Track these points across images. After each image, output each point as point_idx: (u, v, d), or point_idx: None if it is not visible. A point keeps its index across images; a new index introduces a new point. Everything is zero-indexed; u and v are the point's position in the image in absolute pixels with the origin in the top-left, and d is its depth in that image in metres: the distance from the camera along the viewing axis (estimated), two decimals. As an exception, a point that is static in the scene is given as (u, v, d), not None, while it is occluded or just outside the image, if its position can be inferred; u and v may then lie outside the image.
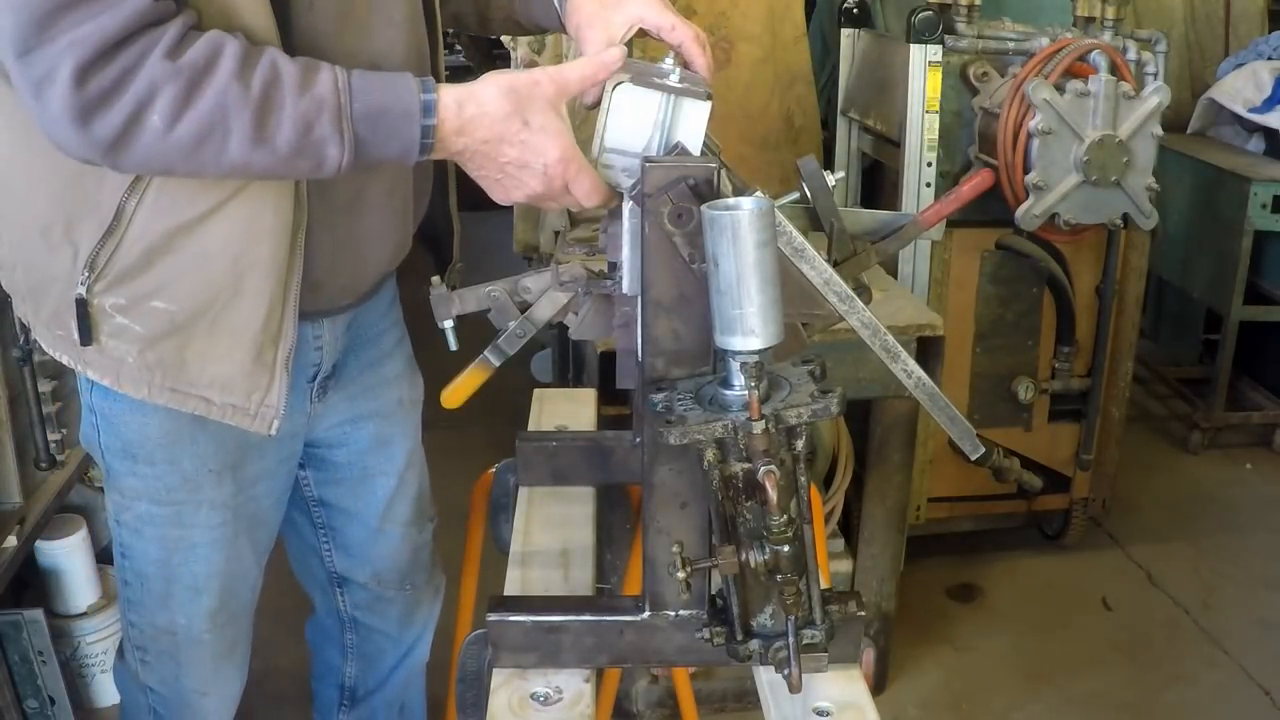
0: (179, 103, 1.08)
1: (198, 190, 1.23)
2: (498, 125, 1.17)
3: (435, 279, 1.33)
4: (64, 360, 1.36)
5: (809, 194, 1.25)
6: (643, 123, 1.17)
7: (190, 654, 1.55)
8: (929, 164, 2.72)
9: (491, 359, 1.28)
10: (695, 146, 1.17)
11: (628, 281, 1.16)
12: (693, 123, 1.17)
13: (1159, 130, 2.58)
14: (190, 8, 1.13)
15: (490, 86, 1.18)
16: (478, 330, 1.36)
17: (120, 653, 1.65)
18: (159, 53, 1.07)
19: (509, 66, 3.12)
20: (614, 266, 1.21)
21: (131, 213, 1.23)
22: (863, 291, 1.16)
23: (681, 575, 1.05)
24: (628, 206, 1.14)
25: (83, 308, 1.27)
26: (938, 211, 1.98)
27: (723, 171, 1.09)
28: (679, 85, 1.17)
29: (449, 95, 1.17)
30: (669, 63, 1.20)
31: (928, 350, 2.29)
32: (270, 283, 1.29)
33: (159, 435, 1.40)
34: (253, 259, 1.27)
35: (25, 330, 1.41)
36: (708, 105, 1.17)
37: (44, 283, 1.31)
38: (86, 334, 1.28)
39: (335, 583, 1.79)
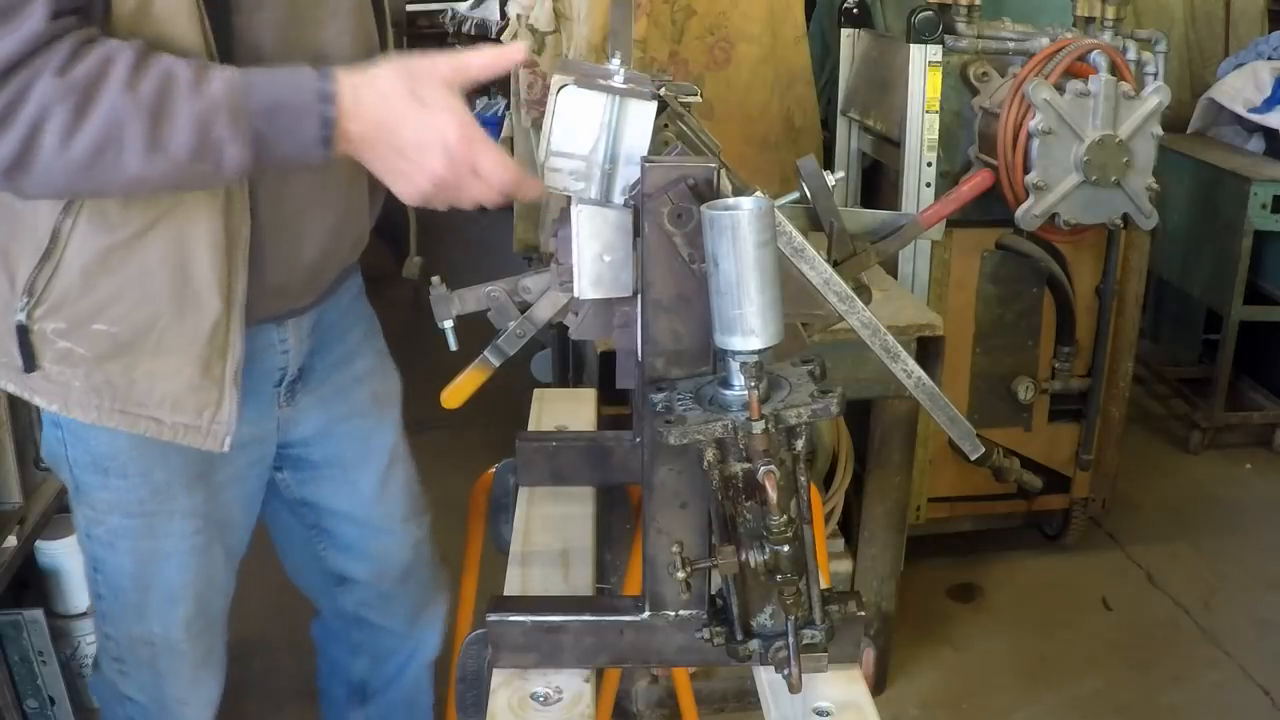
0: (71, 120, 1.06)
1: (130, 208, 1.22)
2: (395, 105, 1.15)
3: (435, 279, 1.32)
4: (9, 389, 1.34)
5: (809, 194, 1.25)
6: (588, 124, 1.16)
7: (169, 663, 1.54)
8: (929, 164, 2.72)
9: (491, 359, 1.28)
10: (642, 147, 1.16)
11: (579, 285, 1.16)
12: (639, 124, 1.17)
13: (1159, 130, 2.58)
14: (91, 21, 1.11)
15: (386, 69, 1.16)
16: (478, 330, 1.36)
17: (96, 664, 1.64)
18: (49, 72, 1.05)
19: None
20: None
21: (67, 235, 1.22)
22: (863, 291, 1.16)
23: (681, 575, 1.05)
24: (576, 209, 1.14)
25: (24, 334, 1.26)
26: (937, 212, 1.98)
27: (723, 171, 1.09)
28: (624, 86, 1.17)
29: (345, 83, 1.14)
30: (615, 63, 1.20)
31: (928, 350, 2.29)
32: (213, 297, 1.28)
33: (130, 447, 1.38)
34: (191, 273, 1.26)
35: None
36: (653, 106, 1.16)
37: None
38: (30, 360, 1.27)
39: (336, 582, 1.78)
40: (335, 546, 1.74)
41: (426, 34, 6.26)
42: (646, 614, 1.15)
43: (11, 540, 1.93)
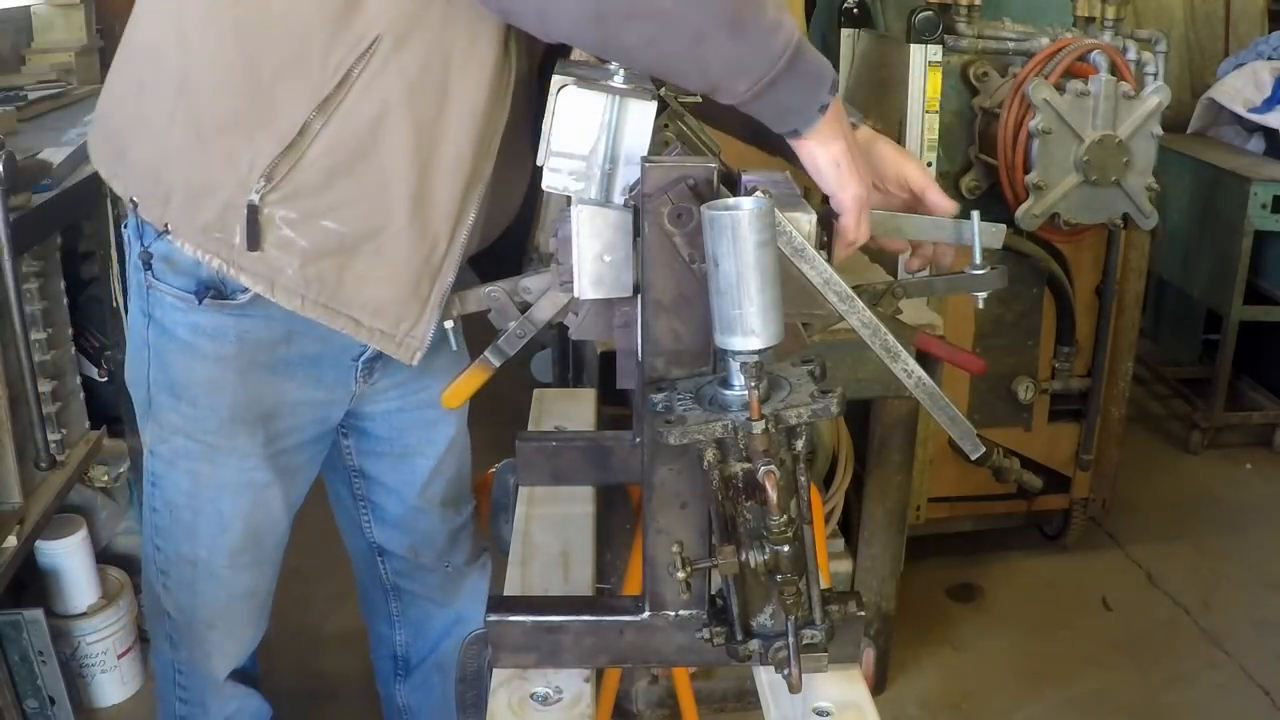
0: None
1: (388, 120, 1.25)
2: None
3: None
4: (212, 263, 1.33)
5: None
6: (588, 125, 1.16)
7: (208, 586, 1.58)
8: (929, 164, 2.71)
9: (491, 359, 1.28)
10: (642, 147, 1.16)
11: (579, 285, 1.16)
12: (639, 124, 1.17)
13: (1159, 130, 2.58)
14: None
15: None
16: (478, 330, 1.37)
17: (142, 574, 1.68)
18: None
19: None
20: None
21: (316, 132, 1.24)
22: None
23: (681, 575, 1.05)
24: (576, 210, 1.14)
25: (253, 214, 1.27)
26: (930, 345, 2.03)
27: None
28: (624, 86, 1.16)
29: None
30: (614, 64, 1.20)
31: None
32: (444, 221, 1.31)
33: (205, 381, 1.43)
34: (430, 194, 1.29)
35: (140, 235, 1.41)
36: (653, 106, 1.16)
37: (208, 186, 1.29)
38: (255, 240, 1.28)
39: (375, 552, 1.82)
40: (378, 519, 1.77)
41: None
42: (646, 614, 1.15)
43: (11, 540, 1.93)
